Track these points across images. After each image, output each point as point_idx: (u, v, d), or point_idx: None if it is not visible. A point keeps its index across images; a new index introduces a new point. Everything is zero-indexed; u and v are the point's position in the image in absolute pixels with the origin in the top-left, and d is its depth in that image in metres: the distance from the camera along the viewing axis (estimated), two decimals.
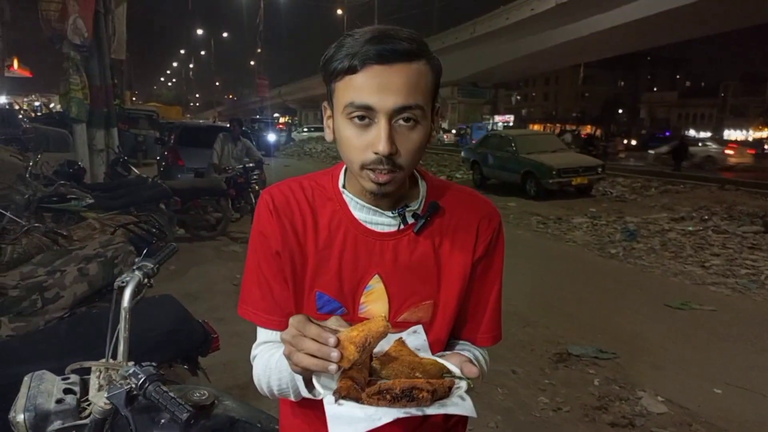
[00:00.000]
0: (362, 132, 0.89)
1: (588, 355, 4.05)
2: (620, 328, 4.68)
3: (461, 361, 0.86)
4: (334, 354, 0.76)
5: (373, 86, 0.86)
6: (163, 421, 1.27)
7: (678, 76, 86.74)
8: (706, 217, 9.75)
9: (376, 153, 0.88)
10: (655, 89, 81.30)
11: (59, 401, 1.23)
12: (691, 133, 50.11)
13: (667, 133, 32.68)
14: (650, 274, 6.58)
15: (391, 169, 0.90)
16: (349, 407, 0.76)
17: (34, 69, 30.30)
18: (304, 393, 0.90)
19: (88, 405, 1.25)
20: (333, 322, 0.83)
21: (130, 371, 1.13)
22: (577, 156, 14.59)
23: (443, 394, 0.79)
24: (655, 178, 15.85)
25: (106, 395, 1.15)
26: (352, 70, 0.87)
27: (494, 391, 3.48)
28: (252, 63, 67.64)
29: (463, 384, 0.83)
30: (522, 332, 4.51)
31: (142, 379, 1.10)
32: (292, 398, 0.99)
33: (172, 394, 1.08)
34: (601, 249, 7.84)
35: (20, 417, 1.19)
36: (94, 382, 1.27)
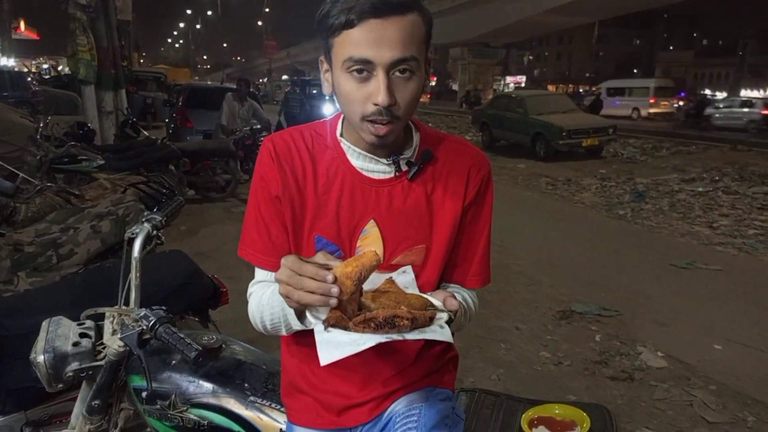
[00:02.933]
0: (361, 85, 0.93)
1: (591, 313, 4.11)
2: (625, 287, 4.73)
3: (444, 296, 0.93)
4: (335, 289, 0.82)
5: (370, 40, 0.89)
6: (174, 362, 1.34)
7: (695, 35, 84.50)
8: (717, 178, 9.69)
9: (375, 104, 0.92)
10: (671, 48, 79.37)
11: (76, 344, 1.30)
12: (707, 92, 49.08)
13: (681, 94, 31.95)
14: (657, 234, 6.60)
15: (390, 120, 0.94)
16: (337, 334, 0.83)
17: (41, 31, 30.13)
18: (296, 325, 0.97)
19: (103, 348, 1.33)
20: (320, 257, 0.90)
21: (142, 314, 1.19)
22: (588, 117, 14.43)
23: (423, 323, 0.86)
24: (667, 139, 15.68)
25: (119, 337, 1.22)
26: (349, 25, 0.90)
27: (497, 345, 3.57)
28: (260, 23, 66.69)
29: (444, 315, 0.90)
30: (527, 290, 4.58)
31: (153, 321, 1.16)
32: (284, 332, 1.05)
33: (181, 334, 1.14)
34: (609, 210, 7.84)
35: (41, 358, 1.26)
36: (108, 326, 1.34)
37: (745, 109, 20.88)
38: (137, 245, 1.41)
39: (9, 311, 1.82)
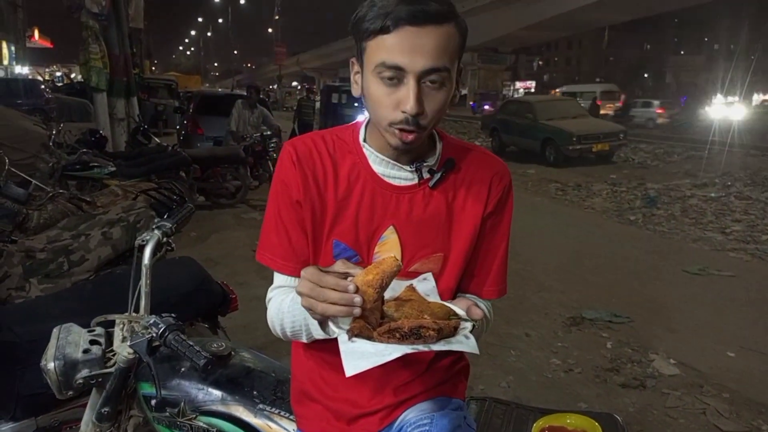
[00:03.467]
0: (391, 91, 0.93)
1: (602, 319, 4.08)
2: (636, 294, 4.69)
3: (467, 305, 0.93)
4: (357, 299, 0.82)
5: (404, 47, 0.89)
6: (183, 369, 1.35)
7: (706, 39, 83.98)
8: (729, 183, 9.60)
9: (404, 112, 0.93)
10: (681, 52, 78.91)
11: (86, 351, 1.31)
12: (718, 97, 48.73)
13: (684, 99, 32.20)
14: (669, 240, 6.55)
15: (416, 129, 0.94)
16: (361, 344, 0.83)
17: (55, 40, 30.51)
18: (317, 334, 0.96)
19: (113, 355, 1.33)
20: (340, 265, 0.89)
21: (151, 321, 1.20)
22: (598, 122, 14.37)
23: (449, 333, 0.85)
24: (678, 144, 15.56)
25: (128, 344, 1.23)
26: (384, 30, 0.90)
27: (507, 352, 3.55)
28: (270, 30, 67.11)
29: (468, 325, 0.89)
30: (537, 297, 4.55)
31: (162, 328, 1.17)
32: (304, 340, 1.04)
33: (190, 342, 1.15)
34: (620, 215, 7.80)
35: (51, 365, 1.26)
36: (118, 333, 1.35)
37: (648, 109, 25.35)
38: (147, 252, 1.42)
39: (20, 318, 1.83)
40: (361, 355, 0.80)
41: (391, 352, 0.81)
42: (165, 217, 1.63)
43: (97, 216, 2.98)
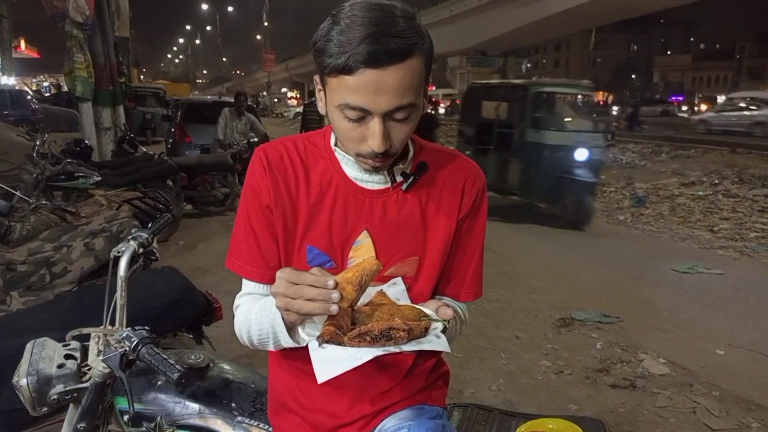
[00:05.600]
0: (356, 126, 0.92)
1: (591, 320, 4.08)
2: (625, 293, 4.70)
3: (437, 306, 0.93)
4: (335, 295, 0.81)
5: (368, 89, 0.87)
6: (159, 383, 1.32)
7: (692, 39, 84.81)
8: (717, 181, 9.67)
9: (370, 147, 0.92)
10: (668, 53, 79.60)
11: (60, 366, 1.28)
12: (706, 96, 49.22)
13: (678, 97, 32.80)
14: (658, 239, 6.58)
15: (385, 158, 0.94)
16: (332, 350, 0.82)
17: (42, 49, 30.33)
18: (285, 342, 0.95)
19: (89, 369, 1.30)
20: (316, 272, 0.86)
21: (124, 335, 1.17)
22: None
23: (420, 334, 0.85)
24: (666, 144, 15.66)
25: (101, 359, 1.20)
26: (345, 71, 0.87)
27: (497, 355, 3.54)
28: (258, 37, 67.09)
29: (439, 325, 0.89)
30: (526, 299, 4.54)
31: (135, 342, 1.14)
32: (271, 348, 1.02)
33: (164, 355, 1.12)
34: (609, 215, 7.83)
35: (23, 381, 1.23)
36: (93, 347, 1.32)
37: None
38: (123, 263, 1.39)
39: None
40: (332, 361, 0.80)
41: (362, 355, 0.80)
42: (148, 226, 1.60)
43: (79, 227, 2.95)
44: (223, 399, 1.30)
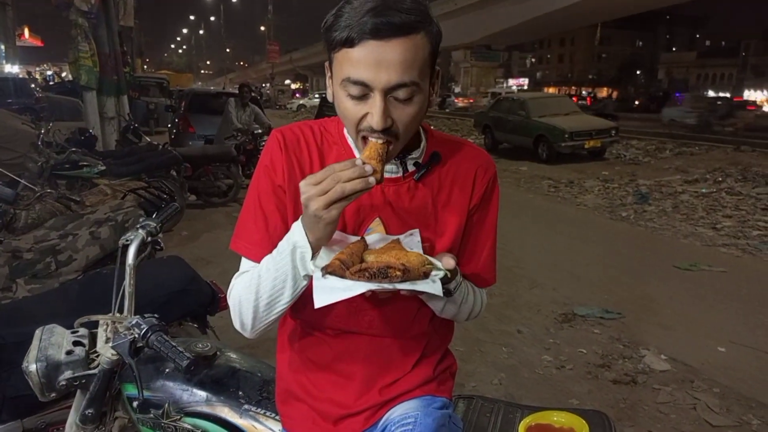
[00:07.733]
0: (358, 103, 0.91)
1: (593, 316, 4.09)
2: (628, 290, 4.70)
3: (442, 255, 0.94)
4: (368, 167, 0.84)
5: (369, 62, 0.87)
6: (167, 370, 1.33)
7: (698, 36, 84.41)
8: (720, 179, 9.64)
9: (369, 124, 0.91)
10: (673, 49, 79.26)
11: (69, 353, 1.29)
12: (710, 94, 49.04)
13: (677, 95, 32.68)
14: (661, 236, 6.57)
15: (388, 139, 0.92)
16: (333, 281, 0.86)
17: (45, 38, 30.30)
18: (307, 269, 0.93)
19: (97, 356, 1.31)
20: (335, 164, 0.88)
21: (134, 322, 1.18)
22: (590, 118, 14.36)
23: (416, 276, 0.87)
24: (669, 140, 15.63)
25: (110, 345, 1.21)
26: (349, 43, 0.87)
27: (499, 349, 3.55)
28: (262, 28, 66.89)
29: (440, 273, 0.91)
30: (529, 294, 4.55)
31: (145, 329, 1.15)
32: (286, 298, 0.98)
33: (173, 343, 1.13)
34: (612, 212, 7.81)
35: (32, 367, 1.25)
36: (101, 334, 1.33)
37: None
38: (131, 252, 1.40)
39: (5, 319, 1.82)
40: (330, 290, 0.84)
41: (358, 288, 0.84)
42: (153, 216, 1.61)
43: (84, 215, 2.96)
44: (230, 387, 1.31)
